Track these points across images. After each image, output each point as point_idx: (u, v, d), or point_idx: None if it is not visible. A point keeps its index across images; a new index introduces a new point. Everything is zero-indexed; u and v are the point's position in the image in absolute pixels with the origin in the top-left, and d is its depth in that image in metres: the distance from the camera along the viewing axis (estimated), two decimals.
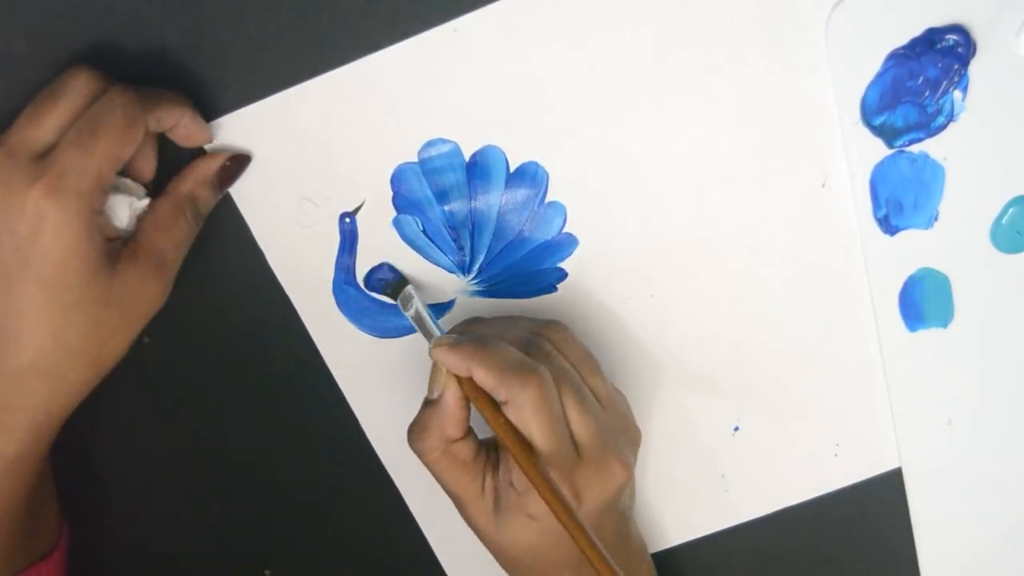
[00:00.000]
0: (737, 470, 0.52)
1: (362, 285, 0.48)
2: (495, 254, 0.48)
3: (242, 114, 0.45)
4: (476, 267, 0.48)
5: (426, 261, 0.48)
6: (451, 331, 0.45)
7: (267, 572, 0.53)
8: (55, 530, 0.47)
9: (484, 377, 0.41)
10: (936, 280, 0.49)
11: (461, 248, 0.48)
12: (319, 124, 0.46)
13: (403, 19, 0.44)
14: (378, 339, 0.49)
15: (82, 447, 0.50)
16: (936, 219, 0.48)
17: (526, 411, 0.41)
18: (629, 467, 0.43)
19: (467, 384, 0.42)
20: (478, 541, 0.45)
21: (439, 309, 0.49)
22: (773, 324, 0.50)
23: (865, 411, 0.51)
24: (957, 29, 0.45)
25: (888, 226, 0.48)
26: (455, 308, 0.49)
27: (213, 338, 0.49)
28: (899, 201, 0.48)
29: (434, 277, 0.48)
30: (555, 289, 0.49)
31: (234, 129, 0.46)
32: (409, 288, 0.47)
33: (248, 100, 0.45)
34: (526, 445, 0.41)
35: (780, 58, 0.46)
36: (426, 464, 0.44)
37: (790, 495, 0.53)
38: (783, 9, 0.45)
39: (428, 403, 0.44)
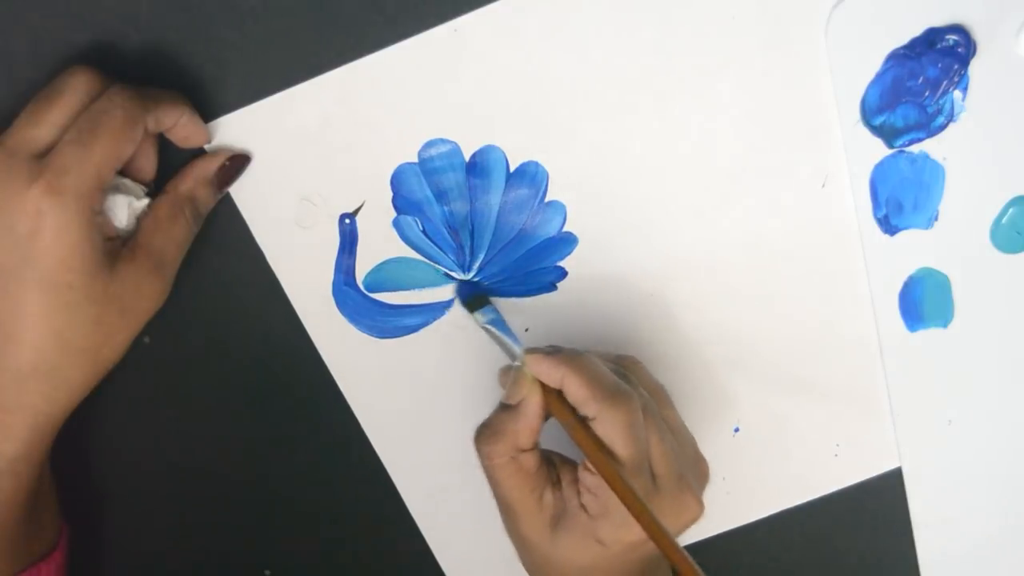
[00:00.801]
0: (737, 471, 0.52)
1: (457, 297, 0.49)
2: (495, 253, 0.48)
3: (242, 114, 0.45)
4: (476, 265, 0.48)
5: (426, 261, 0.48)
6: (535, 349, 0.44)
7: (267, 572, 0.53)
8: (55, 530, 0.47)
9: (577, 389, 0.41)
10: (936, 280, 0.49)
11: (461, 248, 0.48)
12: (319, 124, 0.46)
13: (403, 19, 0.44)
14: (378, 339, 0.49)
15: (82, 447, 0.50)
16: (936, 219, 0.48)
17: (616, 429, 0.41)
18: (702, 503, 0.43)
19: (551, 395, 0.42)
20: (476, 541, 0.45)
21: (439, 308, 0.49)
22: (773, 324, 0.50)
23: (865, 411, 0.51)
24: (957, 29, 0.45)
25: (888, 226, 0.48)
26: (455, 307, 0.49)
27: (213, 338, 0.49)
28: (899, 201, 0.48)
29: (434, 276, 0.48)
30: (555, 288, 0.49)
31: (234, 129, 0.46)
32: (491, 307, 0.47)
33: (248, 100, 0.45)
34: (612, 457, 0.41)
35: (780, 58, 0.46)
36: (488, 467, 0.43)
37: (790, 496, 0.53)
38: (783, 9, 0.45)
39: (504, 408, 0.43)
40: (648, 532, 0.40)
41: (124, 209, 0.42)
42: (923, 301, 0.49)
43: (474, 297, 0.48)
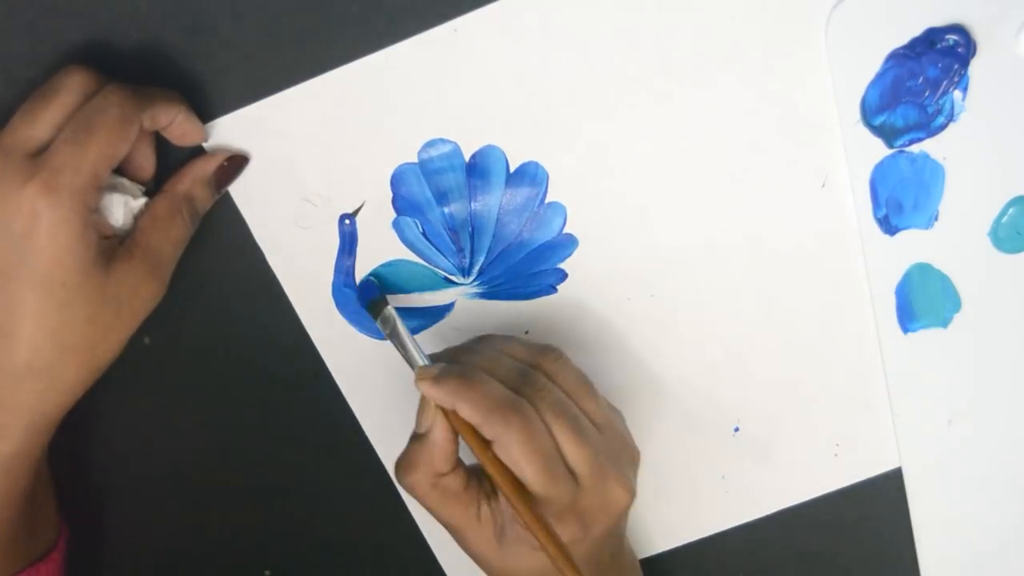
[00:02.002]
0: (737, 470, 0.52)
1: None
2: (495, 256, 0.48)
3: (242, 114, 0.45)
4: (476, 269, 0.48)
5: (425, 264, 0.48)
6: (438, 356, 0.43)
7: (267, 572, 0.53)
8: (54, 530, 0.47)
9: (469, 414, 0.40)
10: (935, 279, 0.49)
11: (461, 250, 0.48)
12: (319, 124, 0.46)
13: (403, 19, 0.44)
14: (377, 340, 0.49)
15: (82, 447, 0.50)
16: (936, 219, 0.48)
17: (513, 450, 0.40)
18: (631, 489, 0.43)
19: (455, 417, 0.41)
20: None
21: (439, 312, 0.49)
22: (773, 324, 0.50)
23: (865, 411, 0.51)
24: (957, 29, 0.45)
25: (888, 226, 0.48)
26: (455, 310, 0.49)
27: (213, 338, 0.49)
28: (899, 201, 0.48)
29: (434, 280, 0.48)
30: (555, 290, 0.49)
31: (234, 129, 0.46)
32: (390, 309, 0.45)
33: (248, 100, 0.45)
34: (516, 482, 0.40)
35: (780, 58, 0.46)
36: (418, 499, 0.43)
37: (790, 495, 0.53)
38: (783, 9, 0.45)
39: (416, 437, 0.43)
40: (553, 561, 0.40)
41: (120, 208, 0.42)
42: (916, 296, 0.49)
43: (374, 302, 0.46)
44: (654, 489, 0.52)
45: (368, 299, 0.47)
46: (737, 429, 0.52)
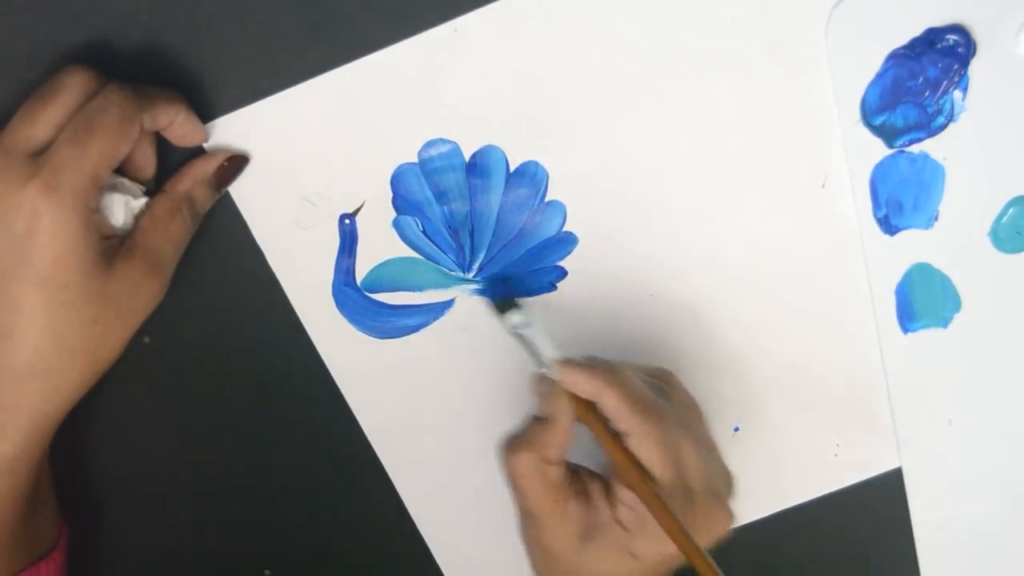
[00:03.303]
0: (737, 471, 0.52)
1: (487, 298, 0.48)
2: (495, 253, 0.48)
3: (242, 114, 0.45)
4: (476, 266, 0.48)
5: (426, 261, 0.48)
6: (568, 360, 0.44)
7: (267, 572, 0.53)
8: (55, 530, 0.47)
9: (613, 404, 0.41)
10: (935, 279, 0.49)
11: (461, 248, 0.48)
12: (319, 124, 0.46)
13: (403, 19, 0.44)
14: (377, 340, 0.49)
15: (82, 447, 0.50)
16: (936, 219, 0.48)
17: (651, 445, 0.40)
18: (734, 516, 0.43)
19: (585, 409, 0.42)
20: (474, 541, 0.45)
21: (440, 308, 0.49)
22: (773, 324, 0.50)
23: (865, 411, 0.51)
24: (957, 29, 0.45)
25: (888, 226, 0.48)
26: (455, 307, 0.49)
27: (213, 338, 0.49)
28: (899, 201, 0.48)
29: (434, 276, 0.48)
30: (555, 288, 0.49)
31: (234, 129, 0.46)
32: (520, 312, 0.46)
33: (248, 100, 0.45)
34: (647, 475, 0.41)
35: (780, 58, 0.46)
36: (514, 477, 0.42)
37: (790, 496, 0.53)
38: (783, 9, 0.45)
39: (536, 420, 0.43)
40: (683, 550, 0.40)
41: (121, 208, 0.42)
42: (916, 296, 0.49)
43: (504, 299, 0.47)
44: None
45: (500, 295, 0.47)
46: (737, 429, 0.52)
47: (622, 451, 0.41)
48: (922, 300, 0.49)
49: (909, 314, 0.50)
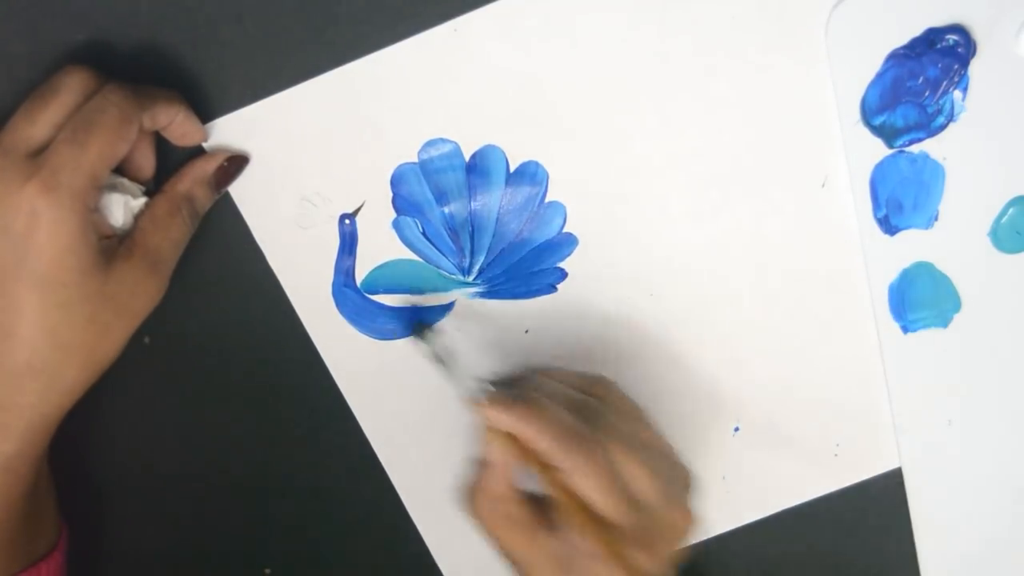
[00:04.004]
0: (737, 471, 0.52)
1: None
2: (495, 255, 0.48)
3: (242, 114, 0.45)
4: (476, 268, 0.48)
5: (426, 263, 0.48)
6: (493, 383, 0.43)
7: (267, 572, 0.53)
8: (54, 530, 0.47)
9: (538, 441, 0.40)
10: (934, 279, 0.49)
11: (461, 250, 0.48)
12: (319, 124, 0.46)
13: (403, 19, 0.44)
14: (377, 340, 0.49)
15: (82, 447, 0.50)
16: (936, 219, 0.48)
17: (584, 481, 0.40)
18: (691, 514, 0.43)
19: (518, 443, 0.41)
20: (475, 542, 0.45)
21: (439, 311, 0.49)
22: (773, 324, 0.50)
23: (865, 411, 0.51)
24: (957, 29, 0.45)
25: (888, 226, 0.48)
26: (455, 309, 0.49)
27: (213, 338, 0.49)
28: (899, 201, 0.48)
29: (434, 279, 0.48)
30: (555, 289, 0.49)
31: (234, 129, 0.46)
32: (436, 335, 0.46)
33: (248, 100, 0.45)
34: (586, 510, 0.40)
35: (780, 58, 0.46)
36: (484, 529, 0.42)
37: (790, 495, 0.53)
38: (783, 9, 0.45)
39: (479, 463, 0.43)
40: None
41: (120, 207, 0.42)
42: (916, 296, 0.49)
43: (420, 325, 0.47)
44: None
45: (415, 321, 0.47)
46: (737, 429, 0.52)
47: (558, 488, 0.40)
48: (922, 300, 0.49)
49: (909, 314, 0.50)
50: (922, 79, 0.46)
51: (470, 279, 0.49)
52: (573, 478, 0.40)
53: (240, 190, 0.47)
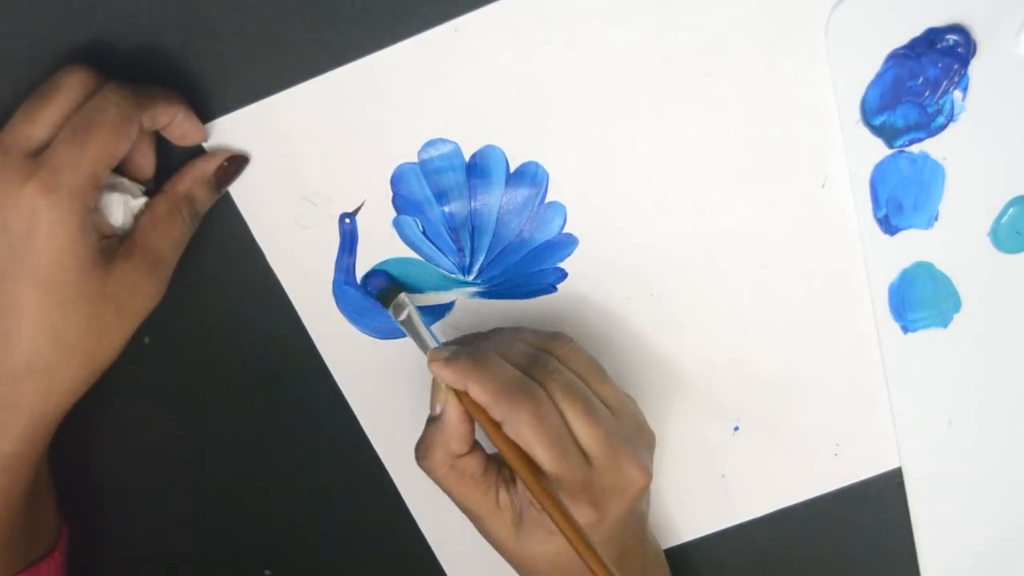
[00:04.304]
0: (737, 470, 0.52)
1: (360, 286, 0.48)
2: (495, 255, 0.48)
3: (242, 114, 0.45)
4: (476, 268, 0.48)
5: (426, 262, 0.48)
6: (450, 344, 0.44)
7: (267, 572, 0.53)
8: (54, 530, 0.47)
9: (479, 395, 0.41)
10: (935, 279, 0.49)
11: (461, 249, 0.48)
12: (319, 124, 0.46)
13: (403, 19, 0.44)
14: (378, 340, 0.49)
15: (82, 447, 0.50)
16: (936, 219, 0.48)
17: (522, 429, 0.40)
18: (646, 470, 0.42)
19: (467, 399, 0.42)
20: (477, 541, 0.45)
21: (439, 310, 0.49)
22: (773, 324, 0.50)
23: (865, 411, 0.51)
24: (957, 29, 0.45)
25: (888, 226, 0.48)
26: (455, 309, 0.49)
27: (213, 338, 0.49)
28: (899, 201, 0.48)
29: (434, 278, 0.48)
30: (555, 289, 0.49)
31: (234, 129, 0.46)
32: (403, 296, 0.47)
33: (248, 100, 0.45)
34: (529, 463, 0.41)
35: (780, 58, 0.46)
36: (436, 481, 0.43)
37: (790, 495, 0.53)
38: (783, 9, 0.45)
39: (431, 420, 0.43)
40: (567, 539, 0.40)
41: (120, 207, 0.42)
42: (916, 296, 0.49)
43: (387, 289, 0.47)
44: (654, 489, 0.52)
45: (379, 286, 0.47)
46: (737, 429, 0.52)
47: (501, 438, 0.41)
48: (922, 300, 0.49)
49: (909, 314, 0.50)
50: (922, 79, 0.46)
51: (470, 279, 0.49)
52: (514, 429, 0.40)
53: (240, 190, 0.47)
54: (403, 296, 0.47)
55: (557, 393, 0.41)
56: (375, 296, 0.48)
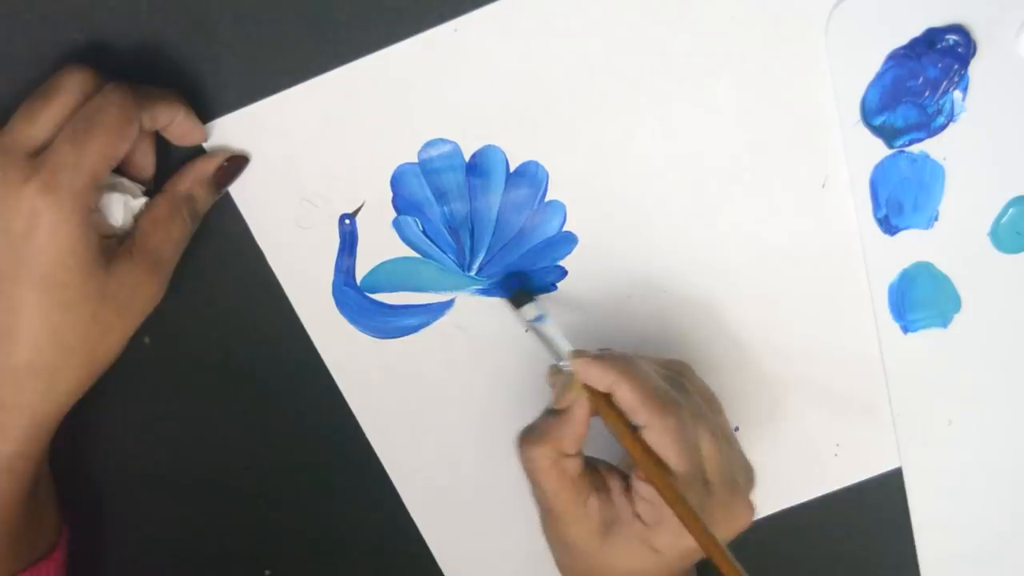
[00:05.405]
0: None
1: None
2: (495, 253, 0.48)
3: (242, 114, 0.45)
4: (476, 266, 0.48)
5: (426, 261, 0.48)
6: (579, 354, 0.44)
7: (267, 572, 0.53)
8: (55, 530, 0.47)
9: (627, 396, 0.41)
10: (934, 279, 0.49)
11: (461, 248, 0.48)
12: (319, 124, 0.46)
13: (403, 19, 0.44)
14: (377, 340, 0.49)
15: (82, 447, 0.50)
16: (936, 219, 0.48)
17: (667, 438, 0.40)
18: (754, 510, 0.43)
19: (601, 401, 0.42)
20: (476, 541, 0.45)
21: (439, 308, 0.49)
22: (773, 324, 0.50)
23: (865, 411, 0.51)
24: (957, 29, 0.45)
25: (888, 226, 0.48)
26: (455, 307, 0.49)
27: (213, 338, 0.49)
28: (899, 201, 0.48)
29: (434, 277, 0.48)
30: (555, 288, 0.49)
31: (234, 129, 0.46)
32: (535, 300, 0.47)
33: (248, 100, 0.45)
34: (664, 468, 0.40)
35: (780, 58, 0.46)
36: (530, 471, 0.42)
37: (790, 495, 0.53)
38: (783, 9, 0.45)
39: (551, 412, 0.43)
40: (700, 543, 0.40)
41: (120, 207, 0.42)
42: (916, 296, 0.49)
43: (519, 293, 0.47)
44: None
45: (512, 288, 0.48)
46: (737, 429, 0.52)
47: (639, 444, 0.41)
48: (922, 300, 0.49)
49: (909, 314, 0.50)
50: (922, 79, 0.46)
51: (470, 277, 0.49)
52: (654, 434, 0.40)
53: (240, 190, 0.47)
54: (535, 300, 0.47)
55: (691, 416, 0.41)
56: (508, 297, 0.48)
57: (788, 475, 0.52)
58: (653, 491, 0.41)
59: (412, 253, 0.48)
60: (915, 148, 0.47)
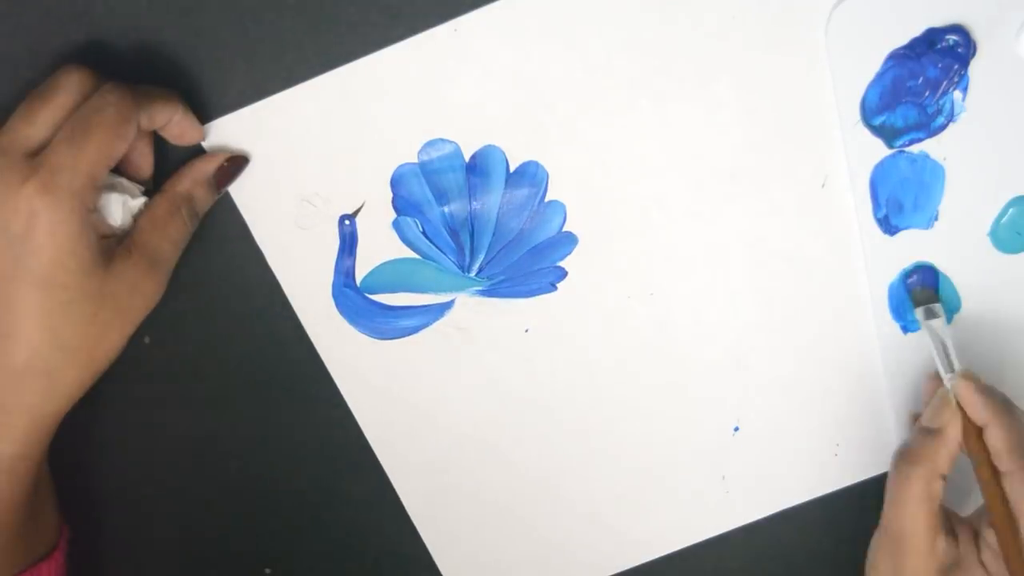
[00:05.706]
0: (737, 471, 0.52)
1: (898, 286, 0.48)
2: (495, 253, 0.48)
3: (242, 114, 0.45)
4: (476, 266, 0.48)
5: (426, 261, 0.48)
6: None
7: (267, 572, 0.53)
8: (55, 530, 0.47)
9: (1000, 438, 0.40)
10: (934, 278, 0.49)
11: (461, 249, 0.48)
12: (319, 124, 0.46)
13: (403, 19, 0.44)
14: (377, 340, 0.49)
15: (82, 447, 0.50)
16: (936, 219, 0.48)
17: (1022, 489, 0.40)
18: None
19: (971, 431, 0.41)
20: (474, 542, 0.45)
21: (439, 309, 0.49)
22: (773, 324, 0.50)
23: (865, 411, 0.51)
24: (957, 29, 0.45)
25: (888, 226, 0.48)
26: (455, 308, 0.49)
27: (213, 338, 0.49)
28: (899, 201, 0.48)
29: (434, 277, 0.48)
30: (555, 288, 0.49)
31: (234, 129, 0.46)
32: (938, 305, 0.47)
33: (248, 100, 0.45)
34: (1014, 521, 0.40)
35: (780, 58, 0.46)
36: (901, 490, 0.42)
37: (790, 495, 0.53)
38: (783, 9, 0.45)
39: (924, 431, 0.43)
40: None
41: (119, 207, 0.42)
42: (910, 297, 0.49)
43: (924, 291, 0.48)
44: (655, 491, 0.52)
45: (916, 286, 0.48)
46: (737, 429, 0.52)
47: (996, 489, 0.41)
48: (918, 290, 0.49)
49: (909, 314, 0.50)
50: (922, 79, 0.46)
51: (470, 278, 0.49)
52: (1014, 485, 0.40)
53: (240, 190, 0.47)
54: (938, 305, 0.47)
55: None
56: (909, 292, 0.48)
57: (788, 475, 0.52)
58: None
59: (412, 254, 0.48)
60: (915, 148, 0.47)
